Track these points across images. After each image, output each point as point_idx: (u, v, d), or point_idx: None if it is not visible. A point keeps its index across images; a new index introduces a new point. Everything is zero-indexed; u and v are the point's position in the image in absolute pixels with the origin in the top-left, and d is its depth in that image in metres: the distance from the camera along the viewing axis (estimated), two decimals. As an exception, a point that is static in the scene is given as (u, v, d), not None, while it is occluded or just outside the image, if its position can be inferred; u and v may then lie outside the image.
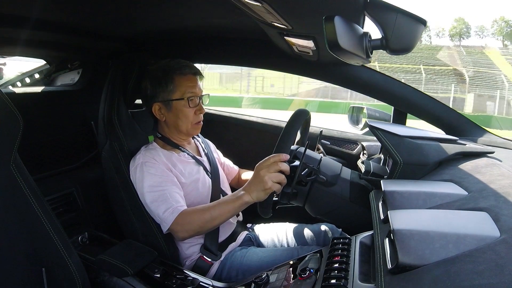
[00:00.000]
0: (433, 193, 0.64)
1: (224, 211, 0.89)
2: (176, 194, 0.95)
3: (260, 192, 0.83)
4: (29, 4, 0.89)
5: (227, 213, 0.89)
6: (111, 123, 1.06)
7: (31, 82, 1.63)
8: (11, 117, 0.68)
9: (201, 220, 0.89)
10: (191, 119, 1.03)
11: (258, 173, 0.84)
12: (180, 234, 0.91)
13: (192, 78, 1.03)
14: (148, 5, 0.90)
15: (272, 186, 0.82)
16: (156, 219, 0.95)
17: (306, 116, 0.99)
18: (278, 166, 0.82)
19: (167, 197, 0.93)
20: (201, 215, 0.90)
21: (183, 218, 0.90)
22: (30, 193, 0.71)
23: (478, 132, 1.07)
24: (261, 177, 0.82)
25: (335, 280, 0.59)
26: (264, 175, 0.82)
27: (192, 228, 0.90)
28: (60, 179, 1.34)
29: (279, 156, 0.84)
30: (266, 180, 0.82)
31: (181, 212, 0.90)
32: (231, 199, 0.89)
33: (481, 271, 0.39)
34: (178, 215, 0.90)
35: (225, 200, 0.91)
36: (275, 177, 0.82)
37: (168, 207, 0.91)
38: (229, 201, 0.89)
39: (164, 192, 0.93)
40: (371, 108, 1.38)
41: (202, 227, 0.91)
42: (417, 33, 0.62)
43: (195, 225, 0.90)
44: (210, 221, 0.89)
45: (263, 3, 0.56)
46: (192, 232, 0.92)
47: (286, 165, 0.84)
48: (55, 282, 0.71)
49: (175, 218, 0.90)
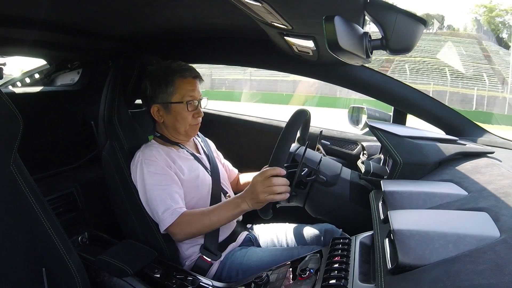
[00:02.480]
0: (433, 193, 0.64)
1: (223, 217, 0.91)
2: (176, 194, 0.95)
3: (255, 203, 0.86)
4: (30, 4, 0.89)
5: (226, 219, 0.92)
6: (111, 123, 1.06)
7: (31, 82, 1.63)
8: (11, 117, 0.68)
9: (200, 224, 0.91)
10: (189, 122, 1.03)
11: (253, 186, 0.86)
12: (177, 236, 0.93)
13: (192, 82, 1.03)
14: (148, 5, 0.90)
15: (266, 198, 0.84)
16: (154, 218, 0.95)
17: (306, 117, 0.99)
18: (272, 182, 0.83)
19: (167, 197, 0.93)
20: (200, 219, 0.91)
21: (182, 221, 0.91)
22: (30, 193, 0.71)
23: (478, 132, 1.07)
24: (256, 192, 0.85)
25: (335, 280, 0.59)
26: (258, 189, 0.84)
27: (190, 231, 0.92)
28: (60, 179, 1.35)
29: (275, 170, 0.84)
30: (259, 195, 0.84)
31: (180, 214, 0.91)
32: (230, 207, 0.90)
33: (481, 271, 0.39)
34: (178, 217, 0.91)
35: (224, 206, 0.92)
36: (269, 191, 0.84)
37: (167, 208, 0.91)
38: (228, 208, 0.91)
39: (164, 192, 0.93)
40: (371, 108, 1.37)
41: (200, 230, 0.93)
42: (417, 33, 0.62)
43: (194, 228, 0.92)
44: (208, 226, 0.92)
45: (263, 3, 0.56)
46: (190, 235, 0.93)
47: (281, 179, 0.84)
48: (55, 282, 0.71)
49: (174, 220, 0.90)
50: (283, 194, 0.84)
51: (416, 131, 0.91)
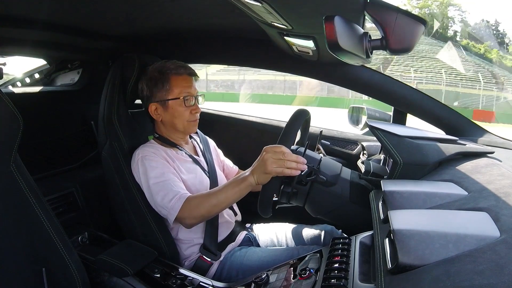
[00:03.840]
0: (433, 193, 0.64)
1: (230, 194, 0.88)
2: (179, 183, 0.96)
3: (261, 174, 0.83)
4: (30, 4, 0.89)
5: (233, 196, 0.88)
6: (111, 123, 1.06)
7: (31, 82, 1.63)
8: (11, 117, 0.68)
9: (208, 204, 0.89)
10: (187, 118, 1.03)
11: (263, 155, 0.83)
12: (188, 220, 0.91)
13: (188, 79, 1.04)
14: (148, 5, 0.90)
15: (275, 170, 0.81)
16: (162, 211, 0.93)
17: (306, 116, 0.99)
18: (284, 156, 0.81)
19: (172, 186, 0.93)
20: (208, 199, 0.89)
21: (190, 203, 0.90)
22: (30, 193, 0.71)
23: (478, 132, 1.07)
24: (265, 161, 0.82)
25: (335, 280, 0.60)
26: (268, 159, 0.81)
27: (200, 213, 0.90)
28: (60, 179, 1.34)
29: (287, 150, 0.83)
30: (268, 165, 0.81)
31: (187, 197, 0.90)
32: (236, 181, 0.88)
33: (481, 271, 0.39)
34: (185, 200, 0.90)
35: (230, 183, 0.90)
36: (279, 163, 0.81)
37: (174, 195, 0.91)
38: (234, 184, 0.88)
39: (168, 182, 0.94)
40: (371, 108, 1.37)
41: (209, 211, 0.90)
42: (417, 33, 0.62)
43: (203, 210, 0.89)
44: (217, 205, 0.89)
45: (263, 3, 0.56)
46: (200, 217, 0.92)
47: (294, 156, 0.82)
48: (55, 282, 0.71)
49: (183, 204, 0.89)
50: (293, 170, 0.81)
51: (416, 131, 0.91)
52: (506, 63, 28.69)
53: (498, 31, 37.99)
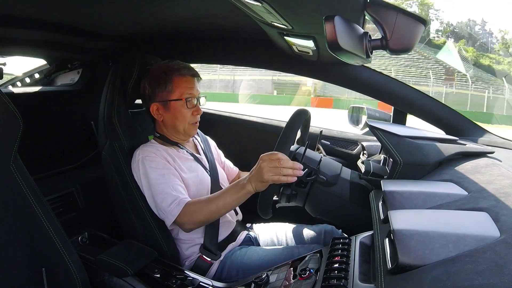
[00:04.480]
0: (433, 193, 0.64)
1: (229, 201, 0.88)
2: (179, 186, 0.95)
3: (258, 182, 0.83)
4: (30, 4, 0.89)
5: (232, 203, 0.89)
6: (111, 123, 1.06)
7: (31, 82, 1.63)
8: (11, 117, 0.68)
9: (207, 211, 0.89)
10: (188, 119, 1.03)
11: (260, 164, 0.83)
12: (186, 226, 0.91)
13: (191, 80, 1.03)
14: (148, 5, 0.90)
15: (271, 178, 0.81)
16: (160, 214, 0.94)
17: (306, 116, 0.99)
18: (280, 163, 0.81)
19: (171, 190, 0.93)
20: (207, 206, 0.89)
21: (189, 209, 0.90)
22: (30, 193, 0.71)
23: (478, 132, 1.07)
24: (262, 170, 0.82)
25: (335, 280, 0.59)
26: (264, 168, 0.81)
27: (198, 219, 0.90)
28: (60, 179, 1.34)
29: (284, 156, 0.83)
30: (265, 173, 0.81)
31: (186, 203, 0.90)
32: (234, 189, 0.88)
33: (481, 271, 0.39)
34: (184, 206, 0.90)
35: (229, 190, 0.90)
36: (275, 171, 0.81)
37: (174, 199, 0.91)
38: (233, 191, 0.88)
39: (167, 185, 0.93)
40: (371, 108, 1.37)
41: (208, 218, 0.90)
42: (417, 33, 0.62)
43: (201, 216, 0.89)
44: (215, 211, 0.89)
45: (263, 3, 0.56)
46: (198, 223, 0.92)
47: (290, 162, 0.82)
48: (55, 282, 0.71)
49: (182, 209, 0.89)
50: (289, 178, 0.81)
51: (416, 131, 0.91)
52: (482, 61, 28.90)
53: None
